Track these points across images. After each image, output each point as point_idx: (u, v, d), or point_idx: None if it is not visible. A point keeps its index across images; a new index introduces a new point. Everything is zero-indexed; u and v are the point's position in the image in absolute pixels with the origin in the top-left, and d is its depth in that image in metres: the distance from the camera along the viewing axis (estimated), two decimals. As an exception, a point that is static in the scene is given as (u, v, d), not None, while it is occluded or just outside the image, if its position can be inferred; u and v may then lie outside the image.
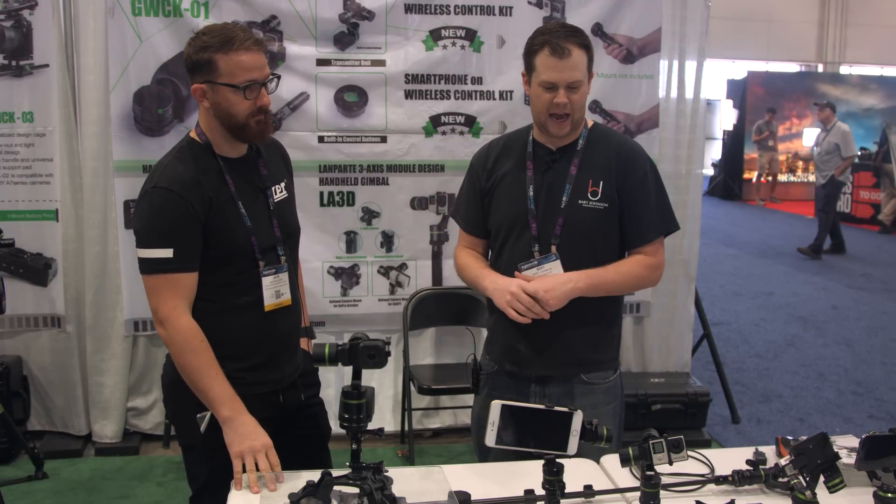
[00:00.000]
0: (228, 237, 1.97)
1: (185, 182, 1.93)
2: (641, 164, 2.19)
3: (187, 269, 1.93)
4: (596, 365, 2.22)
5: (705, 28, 4.13)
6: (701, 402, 4.06)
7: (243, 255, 1.99)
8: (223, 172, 1.99)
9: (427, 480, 1.83)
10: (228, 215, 1.97)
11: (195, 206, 1.92)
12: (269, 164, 2.11)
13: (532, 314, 2.04)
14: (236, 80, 1.90)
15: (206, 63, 1.91)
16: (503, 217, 2.20)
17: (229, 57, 1.89)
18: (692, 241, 4.23)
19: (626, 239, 2.20)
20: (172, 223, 1.92)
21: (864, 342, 6.00)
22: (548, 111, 2.08)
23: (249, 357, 2.03)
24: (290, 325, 2.13)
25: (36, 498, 3.38)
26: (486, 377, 2.28)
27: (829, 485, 1.61)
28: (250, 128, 1.95)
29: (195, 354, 1.92)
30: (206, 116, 1.99)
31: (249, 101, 1.92)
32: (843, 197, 12.42)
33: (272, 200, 2.07)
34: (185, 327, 1.92)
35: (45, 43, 3.60)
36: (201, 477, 2.07)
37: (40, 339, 3.82)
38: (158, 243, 1.91)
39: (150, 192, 1.95)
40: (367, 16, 3.76)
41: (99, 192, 3.70)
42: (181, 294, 1.93)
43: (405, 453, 3.84)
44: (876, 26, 16.55)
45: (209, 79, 1.92)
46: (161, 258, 1.90)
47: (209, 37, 1.92)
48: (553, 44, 2.03)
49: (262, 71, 1.94)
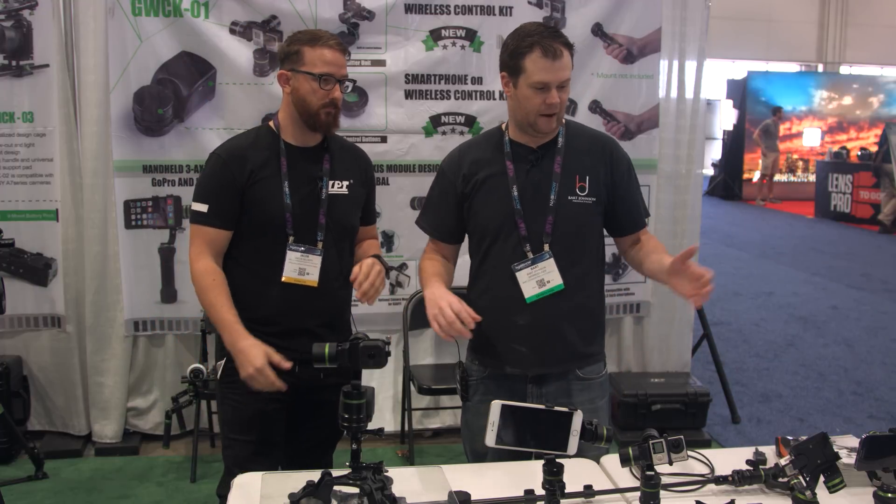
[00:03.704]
0: (262, 208, 2.19)
1: (233, 153, 2.22)
2: (623, 156, 2.26)
3: (217, 224, 2.20)
4: (590, 358, 2.24)
5: (705, 28, 4.13)
6: (701, 402, 4.06)
7: (276, 228, 2.20)
8: (280, 154, 2.22)
9: (427, 480, 1.83)
10: (269, 189, 2.19)
11: (235, 174, 2.18)
12: (336, 161, 2.30)
13: (454, 331, 1.98)
14: (315, 70, 2.15)
15: (294, 53, 2.18)
16: (488, 219, 2.19)
17: (314, 50, 2.16)
18: (692, 240, 4.23)
19: (620, 227, 2.27)
20: (213, 183, 2.22)
21: (864, 342, 6.00)
22: (539, 111, 2.08)
23: (266, 324, 2.21)
24: (314, 306, 2.26)
25: (36, 498, 3.38)
26: (477, 382, 2.26)
27: (829, 485, 1.61)
28: (320, 117, 2.18)
29: (208, 290, 2.17)
30: (285, 103, 2.24)
31: (324, 91, 2.15)
32: (843, 197, 12.46)
33: (325, 191, 2.24)
34: (202, 267, 2.19)
35: (45, 43, 3.60)
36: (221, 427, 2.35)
37: (40, 339, 3.83)
38: (199, 198, 2.21)
39: (209, 157, 2.26)
40: (367, 16, 3.77)
41: (99, 192, 3.70)
42: (208, 245, 2.20)
43: (405, 453, 3.84)
44: (876, 26, 16.56)
45: (293, 67, 2.18)
46: (198, 211, 2.20)
47: (302, 34, 2.21)
48: (545, 45, 2.04)
49: (341, 69, 2.19)
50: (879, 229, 11.44)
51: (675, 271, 2.03)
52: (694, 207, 4.22)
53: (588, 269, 2.21)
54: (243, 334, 2.12)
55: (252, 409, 2.22)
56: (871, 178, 11.88)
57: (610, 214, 2.23)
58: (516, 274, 2.14)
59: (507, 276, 2.15)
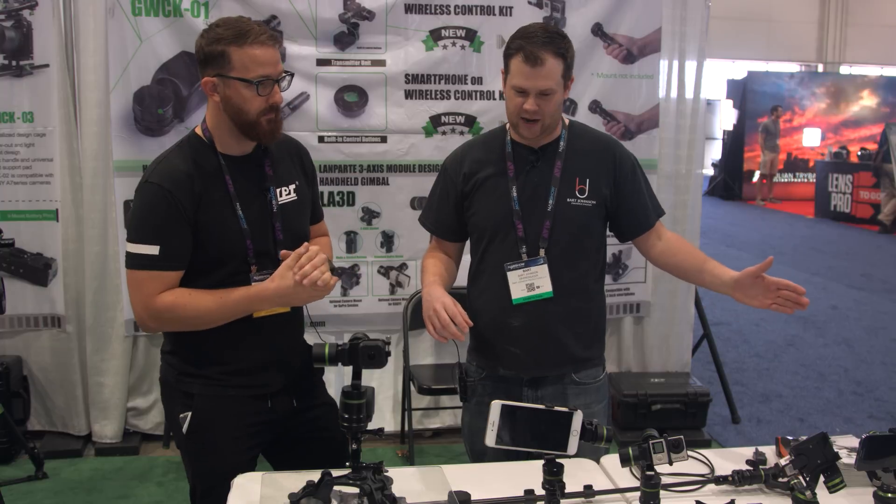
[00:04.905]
0: (219, 238, 1.92)
1: (176, 179, 1.88)
2: (627, 157, 2.23)
3: (172, 267, 1.90)
4: (586, 362, 2.22)
5: (705, 28, 4.13)
6: (701, 402, 4.06)
7: (235, 258, 1.94)
8: (223, 171, 1.93)
9: (427, 480, 1.83)
10: (221, 215, 1.92)
11: (184, 204, 1.87)
12: (277, 164, 2.04)
13: (448, 333, 1.99)
14: (249, 75, 1.86)
15: (218, 55, 1.86)
16: (487, 219, 2.18)
17: (243, 50, 1.85)
18: (692, 241, 4.23)
19: (628, 228, 2.24)
20: (160, 220, 1.88)
21: (864, 342, 6.00)
22: (519, 115, 2.08)
23: (234, 362, 1.99)
24: (285, 334, 2.05)
25: (36, 498, 3.38)
26: (475, 383, 2.26)
27: (829, 485, 1.61)
28: (261, 126, 1.90)
29: (190, 305, 1.89)
30: (215, 111, 1.94)
31: (262, 98, 1.87)
32: (843, 197, 12.46)
33: (275, 202, 1.99)
34: (167, 300, 1.88)
35: (45, 43, 3.60)
36: (191, 480, 2.06)
37: (40, 339, 3.82)
38: (145, 239, 1.87)
39: (142, 187, 1.92)
40: (367, 16, 3.76)
41: (99, 192, 3.70)
42: (164, 289, 1.89)
43: (405, 453, 3.84)
44: (876, 26, 16.55)
45: (221, 72, 1.87)
46: (146, 254, 1.87)
47: (223, 29, 1.87)
48: (527, 51, 2.01)
49: (276, 67, 1.89)
50: (879, 229, 11.44)
51: (745, 285, 2.03)
52: (694, 207, 4.22)
53: (586, 273, 2.20)
54: (256, 290, 1.91)
55: (229, 464, 1.92)
56: (871, 178, 11.87)
57: (613, 217, 2.21)
58: (507, 274, 2.14)
59: (503, 277, 2.15)
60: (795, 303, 1.98)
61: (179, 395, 2.00)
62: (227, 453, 1.98)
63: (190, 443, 1.99)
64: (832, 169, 12.84)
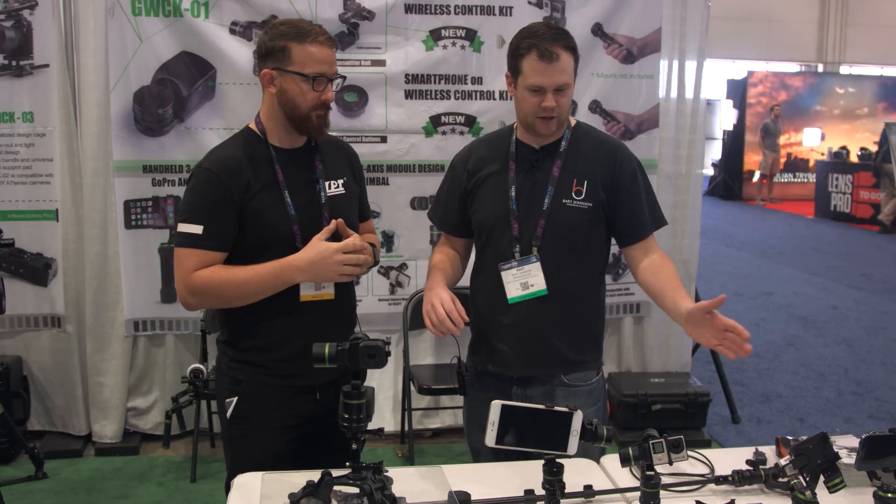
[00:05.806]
0: (265, 223, 2.00)
1: (226, 165, 1.99)
2: (629, 163, 2.20)
3: (215, 247, 1.98)
4: (577, 365, 2.20)
5: (705, 28, 4.13)
6: (701, 402, 4.06)
7: (282, 243, 2.00)
8: (273, 161, 2.03)
9: (427, 480, 1.83)
10: (270, 201, 2.00)
11: (231, 189, 1.96)
12: (327, 159, 2.13)
13: (445, 328, 1.98)
14: (306, 70, 1.96)
15: (279, 50, 1.97)
16: (486, 217, 2.19)
17: (303, 47, 1.96)
18: (692, 240, 4.24)
19: (621, 236, 2.22)
20: (206, 202, 1.98)
21: (864, 342, 6.00)
22: (536, 114, 2.08)
23: (283, 347, 2.04)
24: (332, 320, 2.10)
25: (36, 498, 3.38)
26: (471, 379, 2.26)
27: (829, 485, 1.61)
28: (311, 120, 2.01)
29: (225, 278, 1.97)
30: (269, 104, 2.04)
31: (316, 93, 1.98)
32: (843, 197, 12.46)
33: (324, 194, 2.08)
34: (203, 275, 1.96)
35: (45, 43, 3.60)
36: (229, 467, 2.11)
37: (40, 339, 3.83)
38: (192, 219, 1.97)
39: (195, 172, 2.03)
40: (367, 16, 3.76)
41: (99, 192, 3.70)
42: (203, 267, 1.98)
43: (405, 453, 3.84)
44: (876, 26, 16.55)
45: (280, 66, 1.98)
46: (191, 233, 1.96)
47: (286, 27, 2.00)
48: (541, 48, 2.01)
49: (332, 67, 2.01)
50: (879, 229, 11.44)
51: (695, 319, 1.93)
52: (694, 207, 4.23)
53: (580, 275, 2.18)
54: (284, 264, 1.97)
55: (267, 454, 2.01)
56: (871, 178, 11.87)
57: (611, 221, 2.19)
58: (501, 274, 2.14)
59: (497, 275, 2.16)
60: (739, 347, 1.93)
61: (228, 381, 2.08)
62: (266, 442, 2.03)
63: (232, 427, 2.07)
64: (832, 169, 12.84)
